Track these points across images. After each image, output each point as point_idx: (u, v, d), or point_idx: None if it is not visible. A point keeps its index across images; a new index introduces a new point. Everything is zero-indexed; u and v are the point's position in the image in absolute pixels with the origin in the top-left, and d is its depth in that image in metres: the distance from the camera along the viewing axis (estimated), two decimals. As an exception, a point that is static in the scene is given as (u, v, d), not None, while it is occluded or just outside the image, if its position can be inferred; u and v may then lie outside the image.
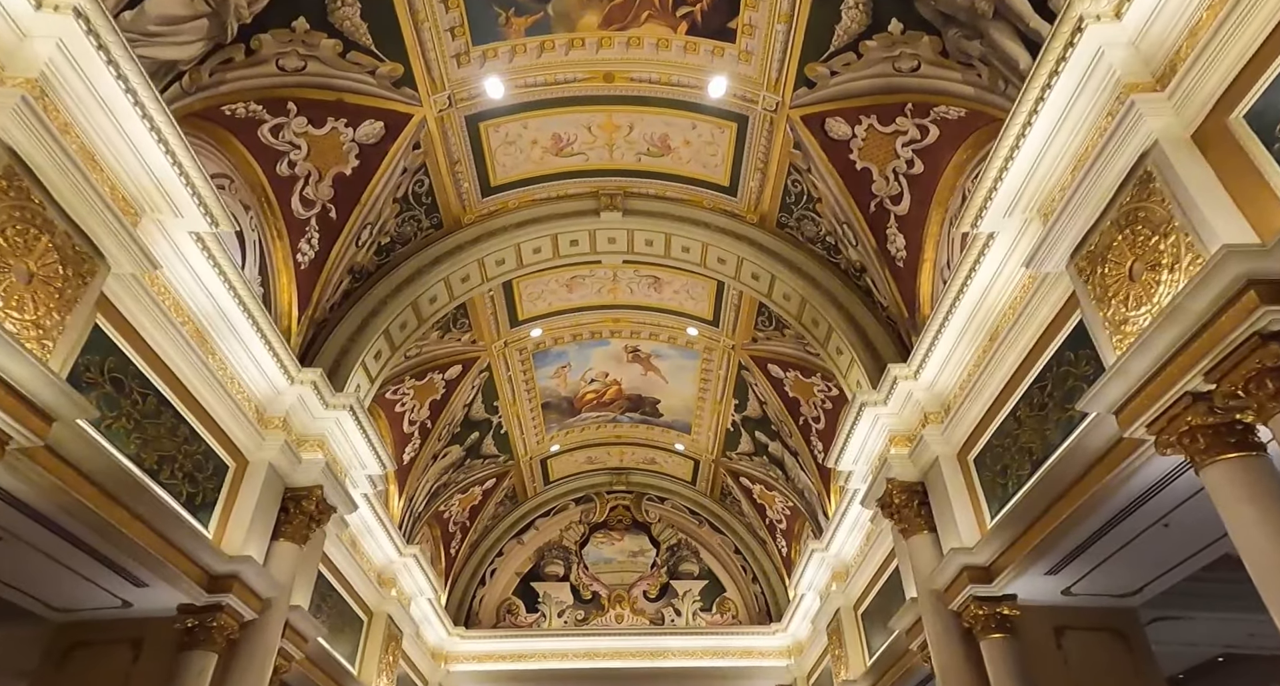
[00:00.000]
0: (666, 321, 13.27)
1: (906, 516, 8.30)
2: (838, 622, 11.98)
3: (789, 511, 15.69)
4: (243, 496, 7.41)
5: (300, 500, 8.11)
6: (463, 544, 16.62)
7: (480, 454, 15.03)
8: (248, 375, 7.45)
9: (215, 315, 6.77)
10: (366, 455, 9.16)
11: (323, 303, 8.95)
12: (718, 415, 15.11)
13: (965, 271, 6.77)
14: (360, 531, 10.76)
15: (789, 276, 10.20)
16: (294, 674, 8.74)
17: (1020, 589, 6.91)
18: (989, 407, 7.14)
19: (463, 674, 15.35)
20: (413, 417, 12.62)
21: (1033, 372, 6.35)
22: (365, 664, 11.09)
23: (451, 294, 10.63)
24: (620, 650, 15.64)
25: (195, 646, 6.66)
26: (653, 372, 14.73)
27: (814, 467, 13.11)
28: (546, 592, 16.87)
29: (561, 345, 13.80)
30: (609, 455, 17.76)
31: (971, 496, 7.51)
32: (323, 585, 9.83)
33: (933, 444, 7.89)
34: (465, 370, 12.89)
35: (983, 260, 6.46)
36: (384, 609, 11.65)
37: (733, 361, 13.45)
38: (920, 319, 8.71)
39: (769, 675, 15.46)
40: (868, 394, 8.58)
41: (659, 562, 17.40)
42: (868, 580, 11.12)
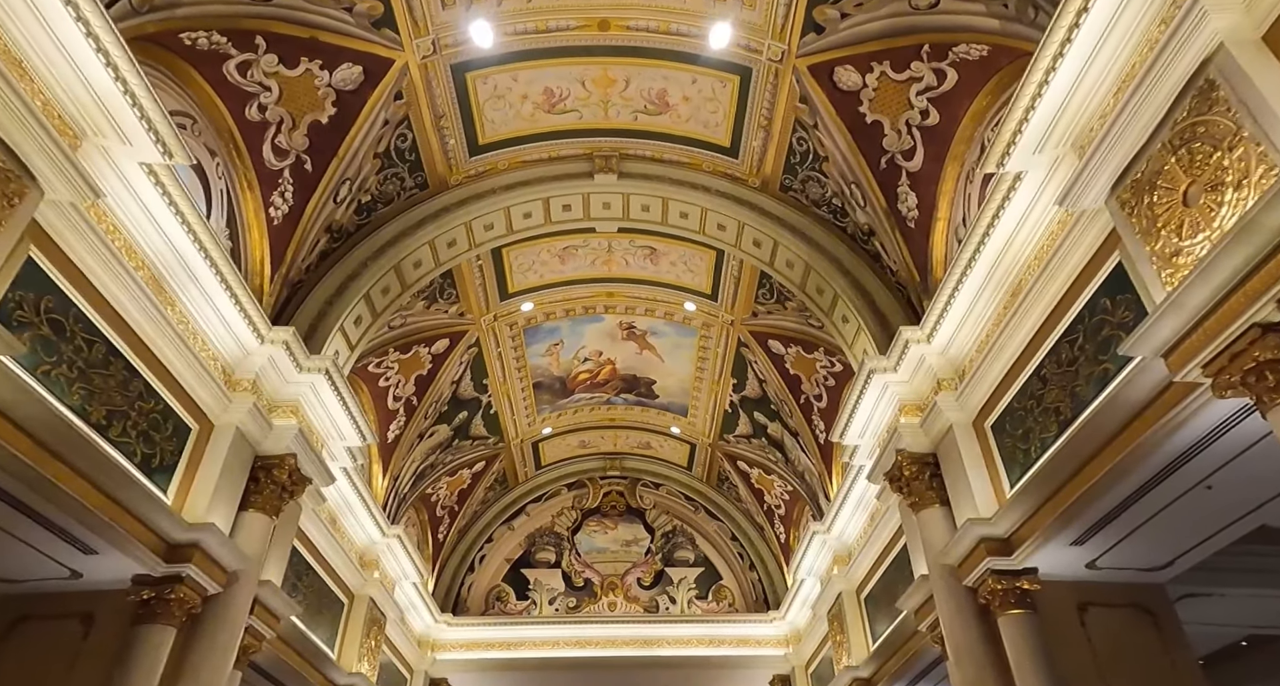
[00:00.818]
0: (663, 296, 12.76)
1: (917, 489, 7.83)
2: (839, 607, 11.52)
3: (788, 496, 15.23)
4: (207, 461, 6.87)
5: (271, 469, 7.58)
6: (451, 529, 16.10)
7: (469, 435, 14.51)
8: (213, 331, 6.90)
9: (174, 262, 6.22)
10: (345, 425, 8.63)
11: (298, 262, 8.40)
12: (715, 396, 14.62)
13: (987, 221, 6.29)
14: (340, 508, 10.23)
15: (792, 242, 9.70)
16: (265, 655, 8.21)
17: (1041, 562, 6.45)
18: (1009, 369, 6.66)
19: (450, 662, 14.85)
20: (397, 393, 12.08)
21: (1061, 326, 5.87)
22: (345, 648, 10.57)
23: (437, 259, 10.09)
24: (613, 638, 15.17)
25: (151, 620, 6.14)
26: (648, 351, 14.23)
27: (815, 448, 12.64)
28: (537, 580, 16.38)
29: (554, 320, 13.28)
30: (603, 439, 17.26)
31: (989, 465, 7.03)
32: (298, 563, 9.31)
33: (947, 411, 7.42)
34: (453, 344, 12.35)
35: (1007, 205, 5.97)
36: (366, 592, 11.13)
37: (731, 338, 12.95)
38: (933, 282, 8.23)
39: (766, 664, 15.01)
40: (876, 360, 8.09)
41: (653, 549, 16.92)
42: (871, 562, 10.66)
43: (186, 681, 6.33)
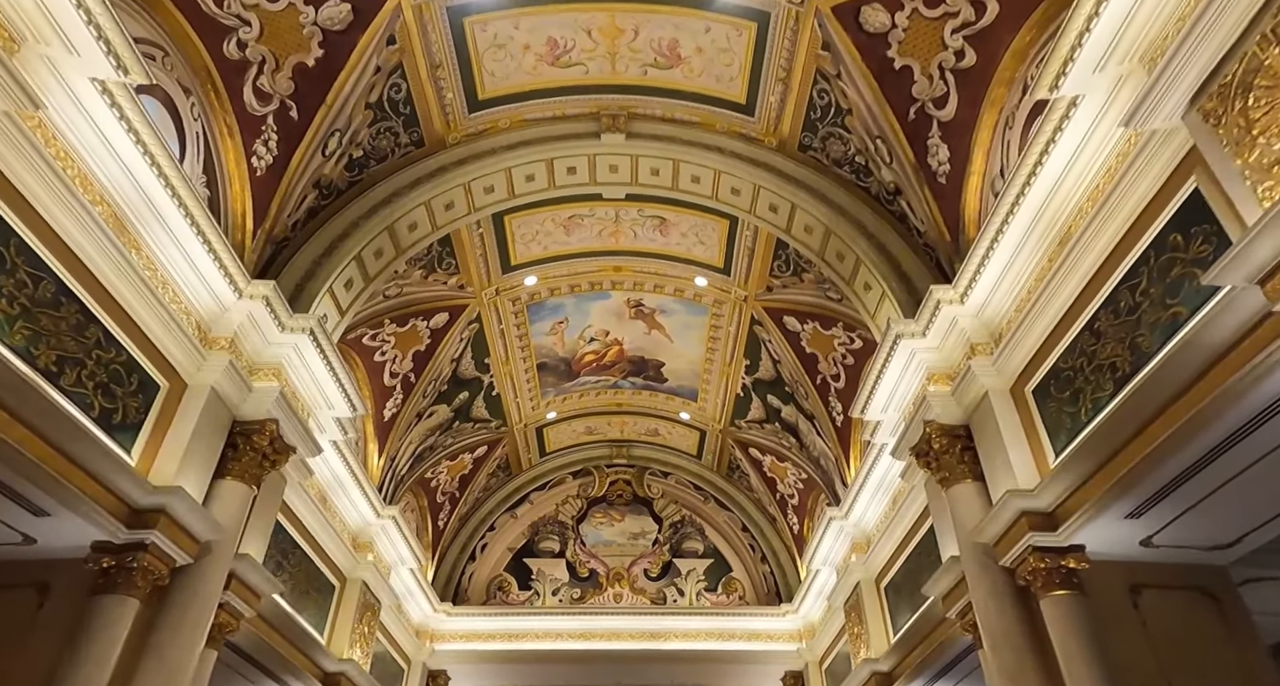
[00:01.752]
0: (673, 270, 12.17)
1: (947, 464, 7.20)
2: (857, 598, 10.89)
3: (802, 485, 14.59)
4: (179, 422, 6.35)
5: (250, 435, 7.05)
6: (451, 516, 15.57)
7: (470, 417, 13.97)
8: (184, 281, 6.38)
9: (138, 201, 5.70)
10: (333, 393, 8.10)
11: (283, 218, 7.87)
12: (726, 379, 14.02)
13: (1034, 160, 5.66)
14: (330, 485, 9.70)
15: (811, 204, 9.09)
16: (245, 635, 7.69)
17: (1090, 538, 5.81)
18: (1055, 326, 6.03)
19: (450, 653, 14.31)
20: (394, 369, 11.55)
21: (1119, 272, 5.23)
22: (336, 633, 10.04)
23: (434, 222, 9.55)
24: (619, 631, 14.58)
25: (111, 590, 5.63)
26: (657, 331, 13.64)
27: (831, 432, 12.01)
28: (540, 569, 15.82)
29: (558, 296, 12.72)
30: (609, 425, 16.69)
31: (1029, 433, 6.40)
32: (284, 540, 8.79)
33: (982, 377, 6.79)
34: (452, 319, 11.81)
35: (1059, 138, 5.34)
36: (359, 575, 10.61)
37: (744, 315, 12.34)
38: (964, 242, 7.59)
39: (777, 659, 14.38)
40: (903, 324, 7.47)
41: (661, 540, 16.32)
42: (893, 548, 10.01)
43: (151, 658, 5.81)
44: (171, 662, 5.90)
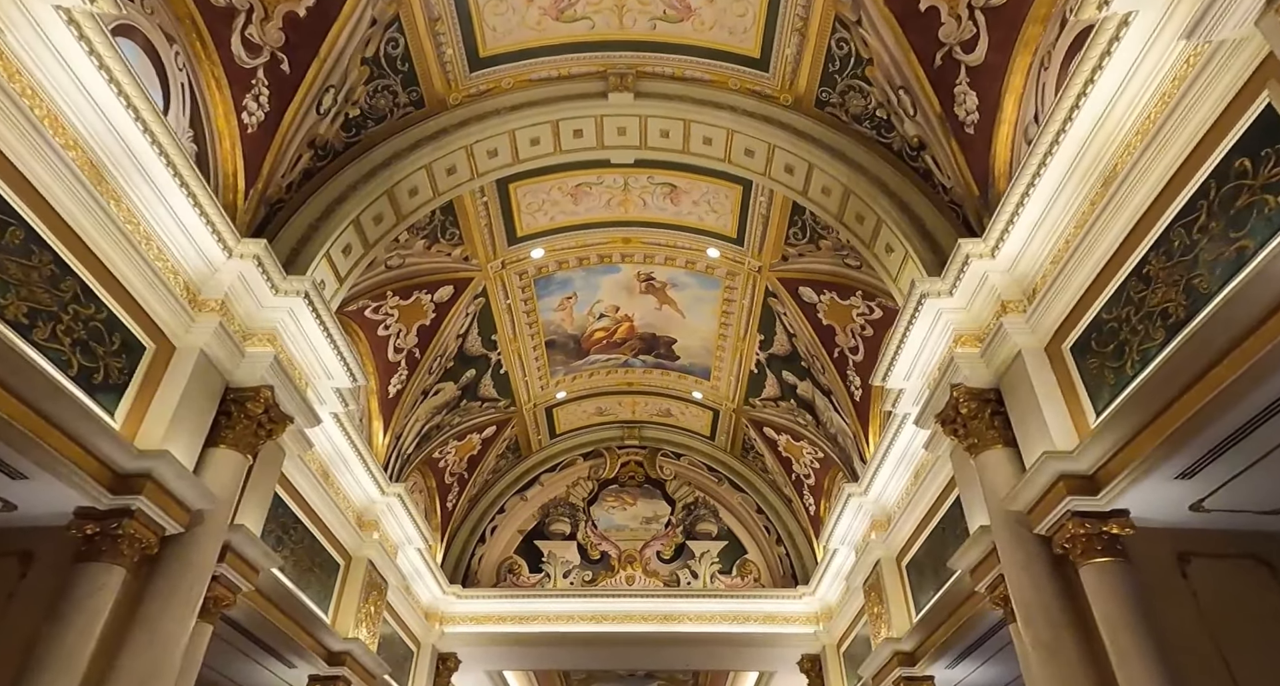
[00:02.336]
0: (684, 241, 11.77)
1: (976, 429, 6.79)
2: (877, 577, 10.51)
3: (818, 464, 14.20)
4: (166, 386, 6.07)
5: (244, 402, 6.77)
6: (460, 498, 15.33)
7: (478, 395, 13.68)
8: (170, 238, 6.08)
9: (117, 149, 5.39)
10: (331, 361, 7.80)
11: (277, 178, 7.55)
12: (740, 355, 13.62)
13: (1075, 94, 5.21)
14: (332, 460, 9.44)
15: (829, 164, 8.65)
16: (243, 610, 7.45)
17: (1135, 502, 5.40)
18: (1098, 275, 5.59)
19: (459, 636, 14.10)
20: (399, 344, 11.26)
21: (1174, 208, 4.79)
22: (341, 612, 9.81)
23: (435, 188, 9.21)
24: (631, 613, 14.29)
25: (95, 558, 5.37)
26: (668, 306, 13.25)
27: (849, 407, 11.59)
28: (551, 552, 15.56)
29: (566, 270, 12.36)
30: (620, 406, 16.36)
31: (1067, 393, 5.98)
32: (284, 515, 8.53)
33: (1015, 335, 6.36)
34: (458, 293, 11.49)
35: (1106, 64, 4.89)
36: (364, 553, 10.36)
37: (758, 287, 11.93)
38: (994, 196, 7.14)
39: (794, 642, 14.05)
40: (929, 282, 7.05)
41: (674, 522, 16.00)
42: (915, 524, 9.62)
43: (140, 630, 5.55)
44: (162, 635, 5.65)
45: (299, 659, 9.07)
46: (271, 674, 9.38)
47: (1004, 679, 9.48)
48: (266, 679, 9.59)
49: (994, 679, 9.54)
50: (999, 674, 9.34)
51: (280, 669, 9.23)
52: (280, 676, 9.43)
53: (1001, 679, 9.48)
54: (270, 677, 9.57)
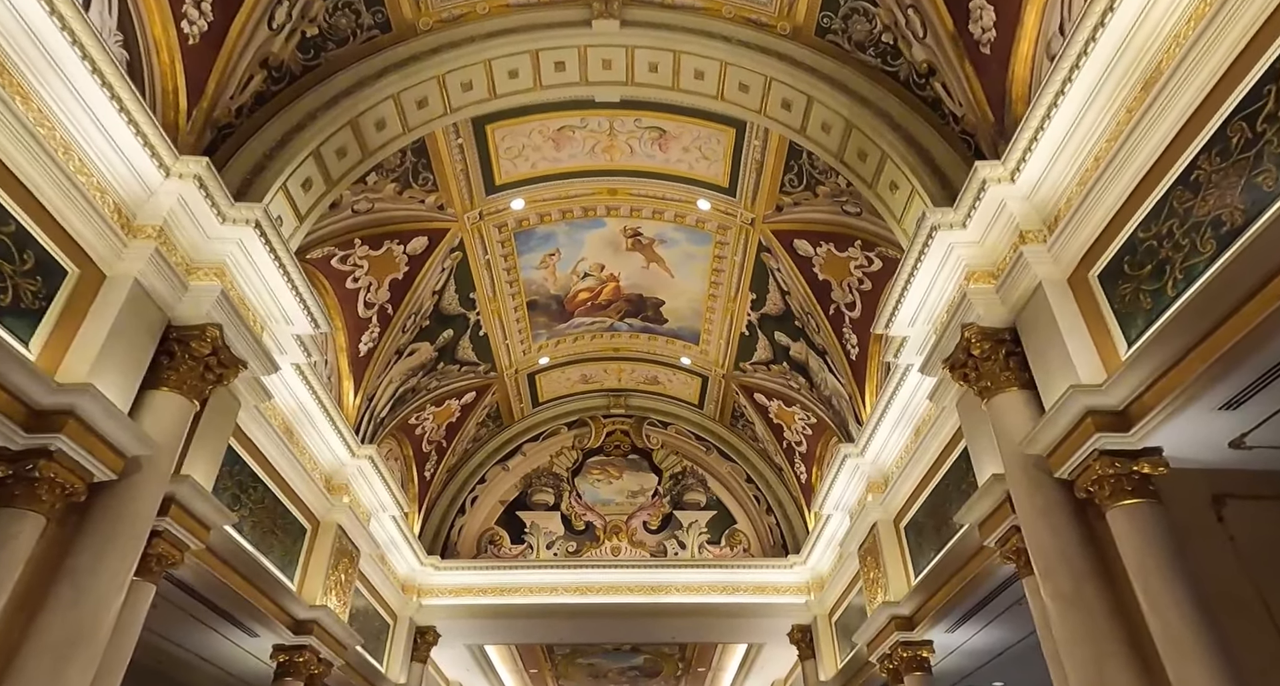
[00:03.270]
0: (673, 192, 11.15)
1: (989, 372, 6.30)
2: (873, 540, 10.08)
3: (810, 431, 13.76)
4: (95, 317, 5.40)
5: (189, 341, 6.11)
6: (439, 467, 14.74)
7: (456, 358, 13.05)
8: (95, 151, 5.38)
9: (18, 33, 4.67)
10: (290, 304, 7.14)
11: (225, 99, 6.83)
12: (730, 316, 13.08)
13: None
14: (296, 417, 8.80)
15: (830, 96, 8.05)
16: (194, 571, 6.85)
17: (1169, 439, 4.93)
18: (1134, 190, 5.07)
19: (438, 608, 13.59)
20: (369, 298, 10.59)
21: (1234, 98, 4.24)
22: (308, 579, 9.23)
23: (405, 122, 8.50)
24: (617, 584, 13.84)
25: (8, 503, 4.74)
26: (656, 264, 12.65)
27: (845, 367, 11.10)
28: (534, 523, 15.05)
29: (549, 224, 11.71)
30: (605, 373, 15.80)
31: (1093, 325, 5.48)
32: (242, 472, 7.90)
33: (1035, 266, 5.85)
34: (432, 245, 10.82)
35: (1152, -61, 4.32)
36: (333, 518, 9.76)
37: (751, 241, 11.36)
38: (1011, 121, 6.58)
39: (784, 612, 13.68)
40: (939, 213, 6.50)
41: (661, 492, 15.53)
42: (915, 483, 9.18)
43: (65, 584, 4.95)
44: (92, 591, 5.05)
45: (262, 627, 8.50)
46: (232, 643, 8.81)
47: (1007, 642, 9.12)
48: (228, 649, 9.03)
49: (996, 642, 9.18)
50: (1001, 637, 8.97)
51: (241, 638, 8.66)
52: (242, 646, 8.86)
53: (1004, 642, 9.12)
54: (232, 648, 9.00)
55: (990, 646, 9.36)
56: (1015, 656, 9.97)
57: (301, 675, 8.80)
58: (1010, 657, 10.05)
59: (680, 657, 19.25)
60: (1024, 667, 10.57)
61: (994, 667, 10.59)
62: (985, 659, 9.99)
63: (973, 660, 10.03)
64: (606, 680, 20.53)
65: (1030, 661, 10.22)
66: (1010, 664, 10.35)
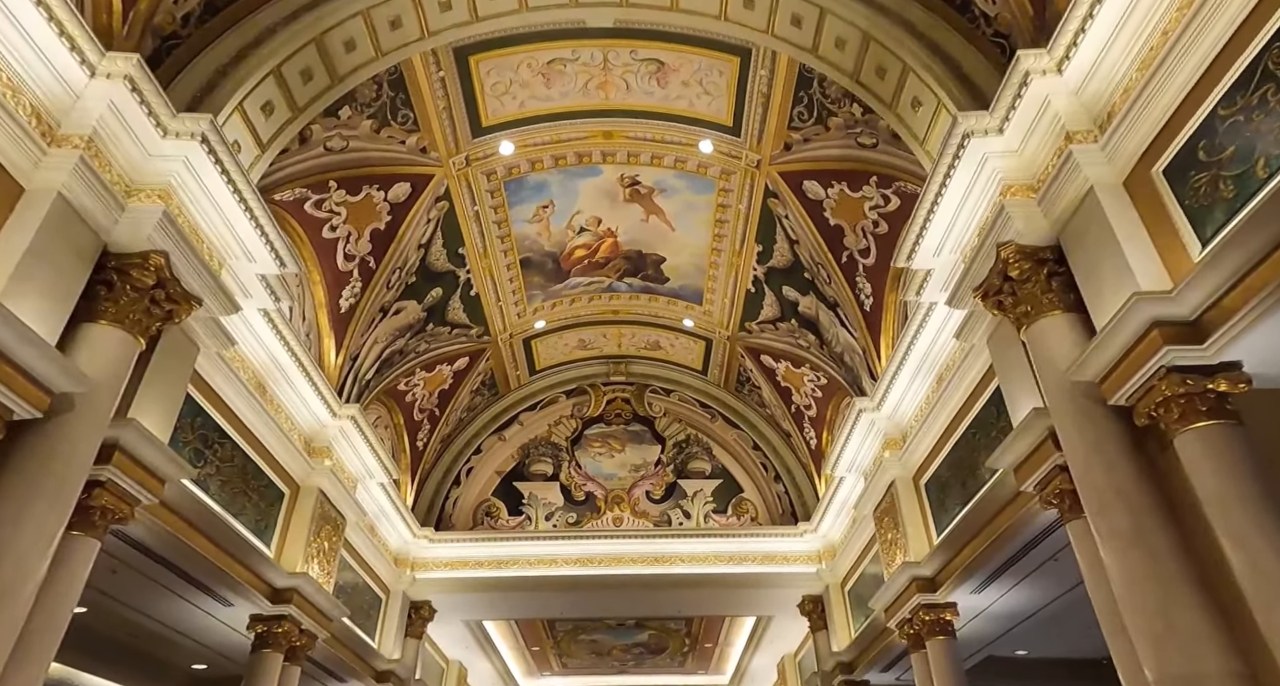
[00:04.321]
0: (673, 133, 10.40)
1: (1029, 295, 5.60)
2: (891, 499, 9.44)
3: (820, 393, 13.09)
4: (9, 233, 4.74)
5: (129, 270, 5.44)
6: (432, 436, 14.13)
7: (446, 320, 12.38)
8: (2, 42, 4.66)
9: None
10: (251, 238, 6.45)
11: (166, 4, 6.09)
12: (735, 272, 12.37)
13: None
14: (269, 371, 8.15)
15: (845, 6, 7.29)
16: (151, 531, 6.24)
17: (1250, 352, 4.26)
18: (1209, 66, 4.35)
19: (433, 582, 13.04)
20: (350, 250, 9.90)
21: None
22: (288, 545, 8.63)
23: (377, 45, 7.77)
24: (619, 555, 13.27)
25: (-96, 440, 4.09)
26: (656, 216, 11.92)
27: (859, 319, 10.41)
28: (532, 493, 14.45)
29: (540, 172, 10.97)
30: (605, 338, 15.13)
31: (1156, 228, 4.79)
32: (206, 426, 7.26)
33: (1087, 167, 5.13)
34: (416, 192, 10.10)
35: None
36: (314, 482, 9.14)
37: (757, 186, 10.62)
38: (1054, 12, 5.81)
39: (794, 582, 13.11)
40: (974, 118, 5.78)
41: (664, 461, 14.91)
42: (937, 436, 8.51)
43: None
44: (13, 544, 4.43)
45: (237, 596, 7.91)
46: (205, 613, 8.23)
47: (1035, 604, 8.51)
48: (202, 620, 8.46)
49: (1024, 604, 8.57)
50: (1031, 597, 8.36)
51: (215, 607, 8.08)
52: (216, 616, 8.29)
53: (1033, 603, 8.51)
54: (206, 619, 8.43)
55: (1017, 608, 8.76)
56: (1041, 621, 9.38)
57: (281, 646, 8.23)
58: (1036, 623, 9.46)
59: (686, 633, 18.76)
60: (1048, 634, 9.99)
61: (1018, 634, 10.01)
62: (1010, 624, 9.40)
63: (996, 625, 9.44)
64: (610, 657, 20.07)
65: (1055, 628, 9.64)
66: (1035, 630, 9.77)
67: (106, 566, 6.87)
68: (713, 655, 20.32)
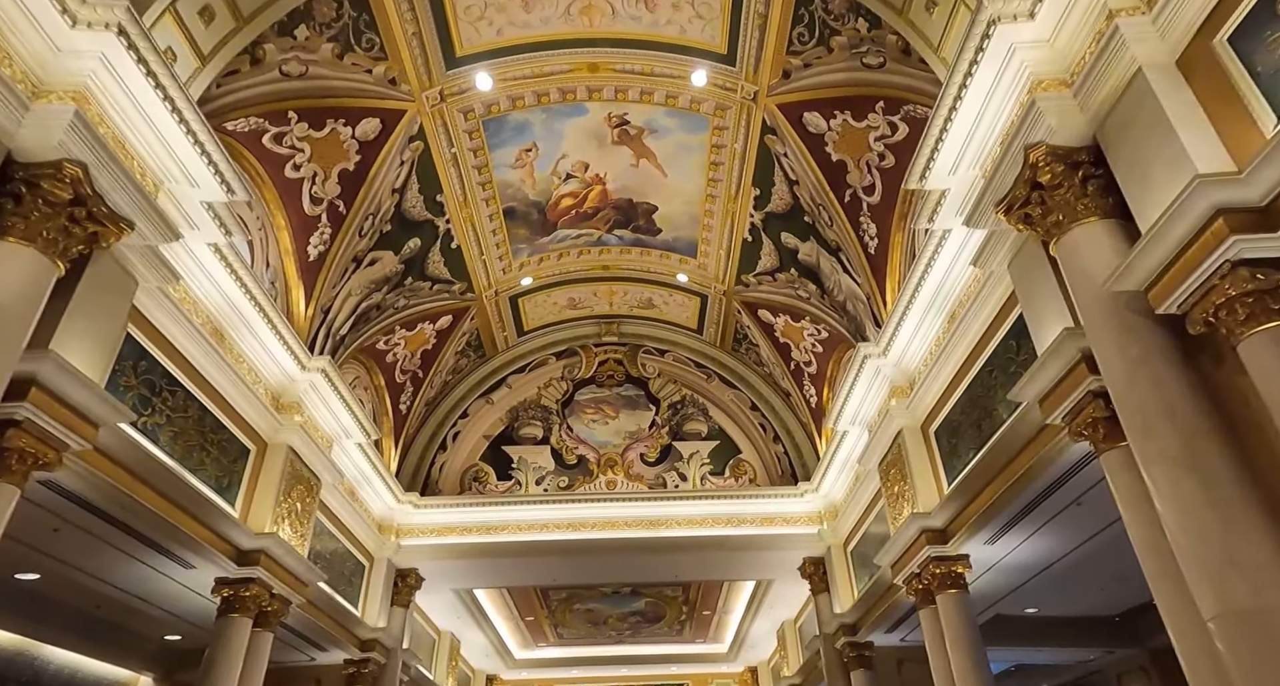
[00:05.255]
0: (663, 65, 9.65)
1: (1062, 202, 4.98)
2: (898, 450, 8.91)
3: (820, 348, 12.52)
4: (-115, 126, 4.04)
5: (39, 181, 4.77)
6: (416, 399, 13.54)
7: (426, 274, 11.72)
8: None
9: None
10: (190, 157, 5.77)
11: (83, -118, 5.33)
12: (731, 219, 11.72)
13: None
14: (226, 318, 7.51)
15: (850, -102, 6.55)
16: (86, 479, 5.65)
17: (1335, 240, 3.64)
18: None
19: (419, 548, 12.55)
20: (316, 191, 9.20)
21: None
22: (255, 505, 8.06)
23: (333, -51, 7.01)
24: (613, 519, 12.78)
25: None
26: (646, 160, 11.22)
27: (863, 263, 9.79)
28: (522, 457, 13.92)
29: (522, 110, 10.23)
30: (596, 296, 14.49)
31: (1217, 109, 4.16)
32: (153, 371, 6.64)
33: (1134, 46, 4.48)
34: (387, 129, 9.38)
35: None
36: (283, 439, 8.55)
37: (754, 122, 9.92)
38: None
39: (795, 544, 12.65)
40: (1002, 1, 5.08)
41: (659, 422, 14.37)
42: (948, 379, 7.95)
43: None
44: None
45: (197, 557, 7.36)
46: (166, 577, 7.70)
47: (1052, 554, 8.04)
48: (163, 586, 7.93)
49: (1039, 555, 8.09)
50: (1047, 548, 7.87)
51: (174, 570, 7.54)
52: (178, 579, 7.76)
53: (1049, 554, 8.04)
54: (168, 584, 7.90)
55: (1032, 560, 8.28)
56: (1054, 576, 8.93)
57: (250, 611, 7.70)
58: (1049, 577, 9.01)
59: (684, 601, 18.41)
60: (1061, 590, 9.55)
61: (1029, 590, 9.56)
62: (1023, 577, 8.94)
63: (1008, 579, 8.98)
64: (607, 626, 19.75)
65: (1069, 582, 9.18)
66: (1048, 585, 9.32)
67: (46, 524, 6.29)
68: (711, 623, 20.02)
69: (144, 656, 10.63)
